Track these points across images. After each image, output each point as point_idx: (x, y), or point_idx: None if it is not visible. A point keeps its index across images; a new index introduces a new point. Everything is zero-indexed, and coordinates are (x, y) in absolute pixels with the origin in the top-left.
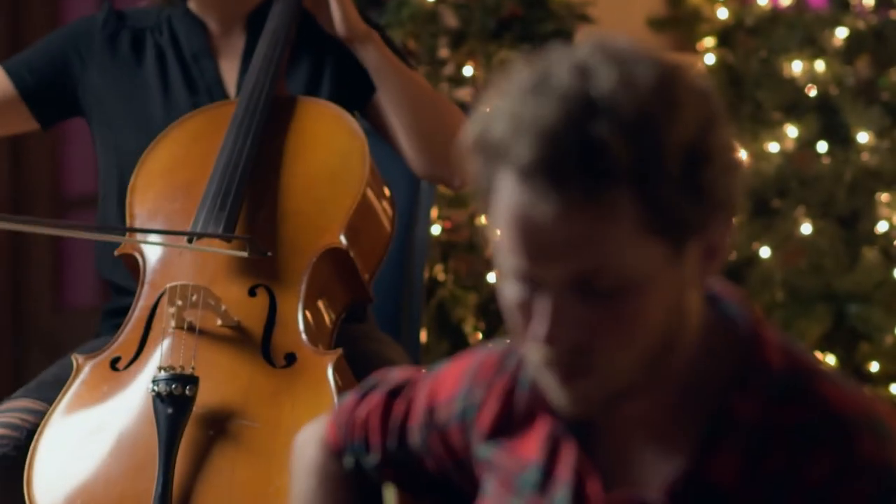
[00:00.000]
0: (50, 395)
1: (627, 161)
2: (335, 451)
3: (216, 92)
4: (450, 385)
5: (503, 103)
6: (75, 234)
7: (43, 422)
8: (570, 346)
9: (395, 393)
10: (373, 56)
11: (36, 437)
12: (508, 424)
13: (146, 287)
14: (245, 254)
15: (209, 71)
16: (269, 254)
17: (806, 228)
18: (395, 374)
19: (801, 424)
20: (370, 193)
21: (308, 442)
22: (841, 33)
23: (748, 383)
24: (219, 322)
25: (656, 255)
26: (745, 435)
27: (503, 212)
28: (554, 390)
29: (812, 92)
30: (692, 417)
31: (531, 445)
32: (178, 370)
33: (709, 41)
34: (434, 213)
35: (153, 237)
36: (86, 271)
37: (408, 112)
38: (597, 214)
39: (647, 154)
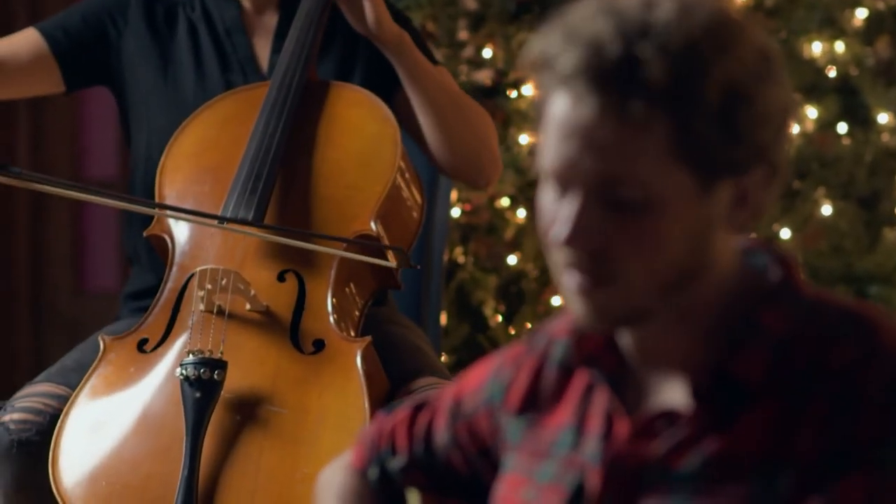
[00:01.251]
0: (72, 379)
1: (665, 82)
2: (360, 471)
3: (249, 68)
4: (478, 375)
5: (563, 23)
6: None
7: (68, 404)
8: (590, 249)
9: (419, 406)
10: (403, 60)
11: (61, 419)
12: (536, 400)
13: (175, 269)
14: (394, 264)
15: (242, 47)
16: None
17: (826, 210)
18: (421, 396)
19: (826, 325)
20: (401, 180)
21: (331, 472)
22: (861, 14)
23: (776, 300)
24: (248, 307)
25: (683, 182)
26: (771, 341)
27: (548, 118)
28: (574, 299)
29: (832, 73)
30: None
31: (562, 414)
32: (207, 354)
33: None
34: (454, 195)
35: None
36: (106, 255)
37: (435, 115)
38: (630, 125)
39: (686, 81)
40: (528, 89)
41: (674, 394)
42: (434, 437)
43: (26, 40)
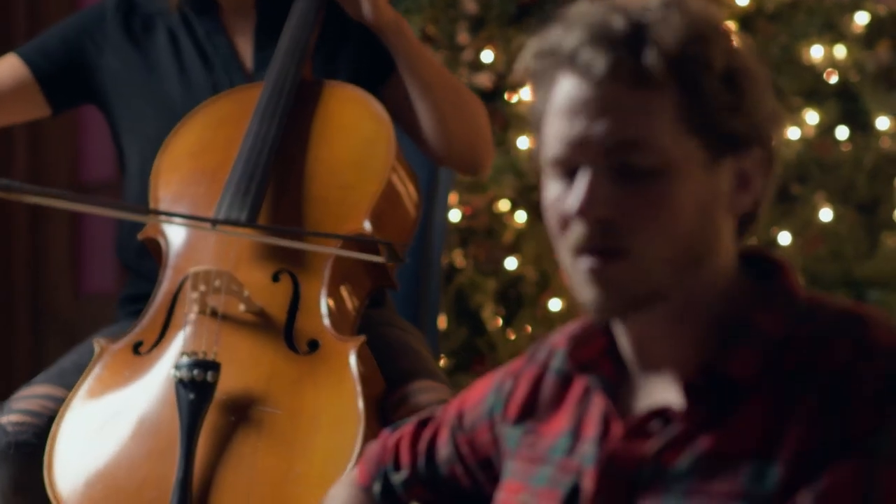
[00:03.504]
0: (70, 381)
1: (676, 43)
2: (364, 487)
3: (233, 68)
4: (480, 389)
5: (562, 18)
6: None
7: (63, 406)
8: (602, 221)
9: (423, 423)
10: (401, 44)
11: (56, 421)
12: (535, 408)
13: (169, 271)
14: (382, 259)
15: (224, 47)
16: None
17: (826, 214)
18: (426, 412)
19: (820, 326)
20: (395, 179)
21: (337, 488)
22: (861, 19)
23: (770, 303)
24: (242, 308)
25: (692, 152)
26: (764, 340)
27: (553, 104)
28: (586, 285)
29: (832, 78)
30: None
31: (560, 421)
32: (201, 356)
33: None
34: (453, 198)
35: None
36: (104, 258)
37: (432, 98)
38: (642, 89)
39: (694, 45)
40: (527, 92)
41: (668, 394)
42: (437, 451)
43: (9, 67)
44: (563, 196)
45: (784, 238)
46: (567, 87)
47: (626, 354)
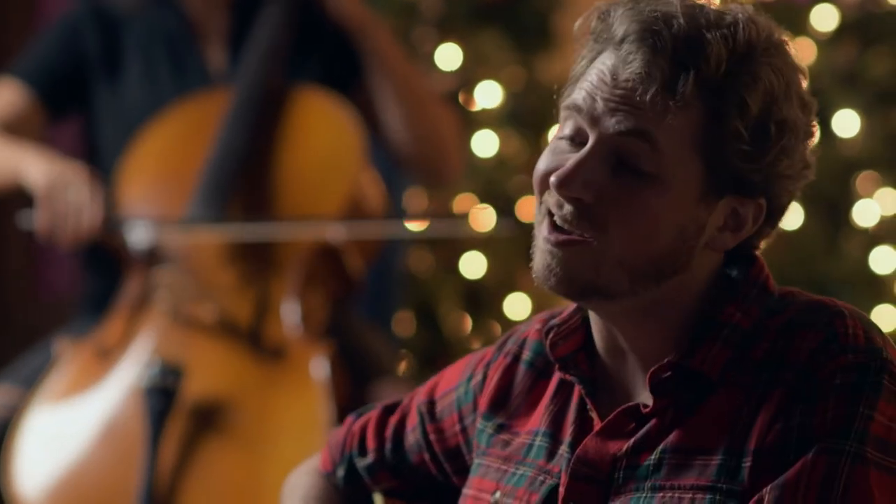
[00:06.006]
0: (27, 382)
1: (719, 72)
2: (327, 473)
3: (200, 72)
4: (449, 379)
5: (632, 2)
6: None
7: (22, 408)
8: (579, 199)
9: (389, 409)
10: (367, 43)
11: (14, 425)
12: (507, 402)
13: (134, 274)
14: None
15: (190, 52)
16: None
17: (790, 213)
18: (391, 397)
19: (789, 318)
20: (363, 185)
21: (297, 474)
22: (827, 20)
23: (740, 297)
24: (208, 312)
25: (694, 176)
26: (732, 332)
27: (591, 72)
28: (543, 252)
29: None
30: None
31: (535, 419)
32: (166, 361)
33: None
34: (418, 198)
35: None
36: (63, 260)
37: (404, 99)
38: (671, 95)
39: (737, 80)
40: (484, 93)
41: (641, 392)
42: (405, 438)
43: (15, 94)
44: (559, 155)
45: None
46: (607, 63)
47: (600, 350)
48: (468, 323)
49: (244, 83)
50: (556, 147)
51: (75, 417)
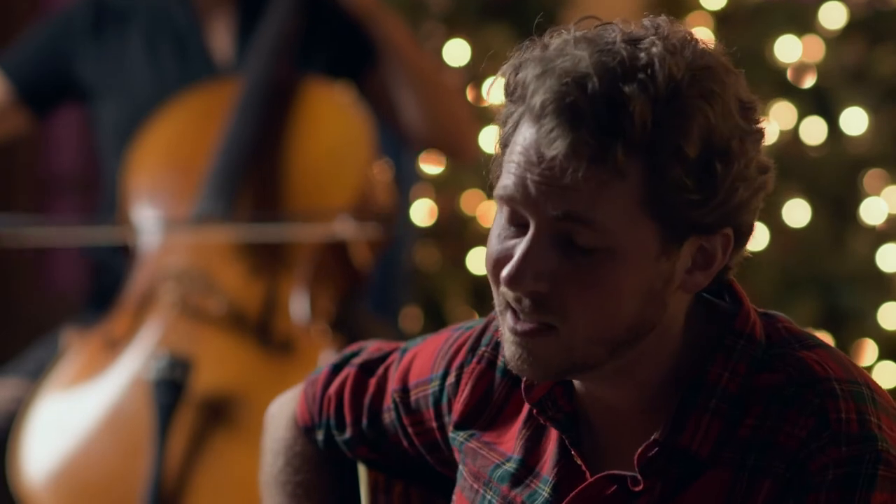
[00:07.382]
0: (33, 375)
1: (646, 128)
2: (305, 428)
3: (204, 63)
4: (423, 365)
5: (540, 52)
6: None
7: (29, 400)
8: (534, 291)
9: (367, 369)
10: (377, 28)
11: (22, 414)
12: (483, 411)
13: (142, 267)
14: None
15: (197, 42)
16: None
17: (802, 213)
18: (368, 347)
19: (779, 387)
20: (372, 177)
21: (278, 417)
22: (835, 17)
23: (726, 351)
24: (216, 305)
25: (647, 238)
26: (720, 400)
27: (516, 149)
28: (510, 344)
29: (808, 78)
30: (674, 399)
31: (508, 439)
32: (174, 354)
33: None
34: (424, 197)
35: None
36: (69, 253)
37: (420, 83)
38: (603, 170)
39: (668, 130)
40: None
41: (626, 450)
42: (381, 415)
43: None
44: (502, 240)
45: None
46: (529, 135)
47: (579, 392)
48: (475, 318)
49: (253, 74)
50: (501, 232)
51: (82, 406)
